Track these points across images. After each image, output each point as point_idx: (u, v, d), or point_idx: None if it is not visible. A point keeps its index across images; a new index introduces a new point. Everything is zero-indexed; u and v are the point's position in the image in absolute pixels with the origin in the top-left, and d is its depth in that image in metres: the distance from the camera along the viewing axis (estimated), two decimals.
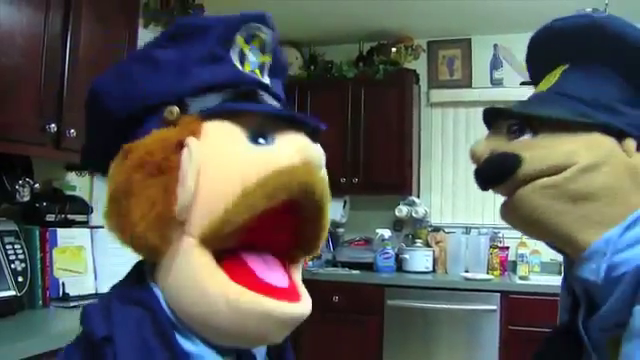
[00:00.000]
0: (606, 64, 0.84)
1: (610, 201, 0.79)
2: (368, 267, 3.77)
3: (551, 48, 0.91)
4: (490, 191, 0.90)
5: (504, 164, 0.83)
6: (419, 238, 3.87)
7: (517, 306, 3.18)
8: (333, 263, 3.92)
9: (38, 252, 2.05)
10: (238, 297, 0.62)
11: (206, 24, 0.69)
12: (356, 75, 3.96)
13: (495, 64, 3.99)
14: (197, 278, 0.63)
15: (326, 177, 0.69)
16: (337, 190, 4.39)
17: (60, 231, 2.14)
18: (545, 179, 0.81)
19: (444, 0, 3.46)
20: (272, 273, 0.66)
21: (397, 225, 4.04)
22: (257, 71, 0.72)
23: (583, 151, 0.80)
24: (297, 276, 0.70)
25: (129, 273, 0.70)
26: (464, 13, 3.67)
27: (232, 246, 0.64)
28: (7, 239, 1.91)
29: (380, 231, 3.80)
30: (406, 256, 3.73)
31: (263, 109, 0.68)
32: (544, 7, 3.49)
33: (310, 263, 3.84)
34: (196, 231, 0.62)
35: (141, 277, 0.68)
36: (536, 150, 0.82)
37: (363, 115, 3.89)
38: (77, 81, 1.97)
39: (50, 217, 2.17)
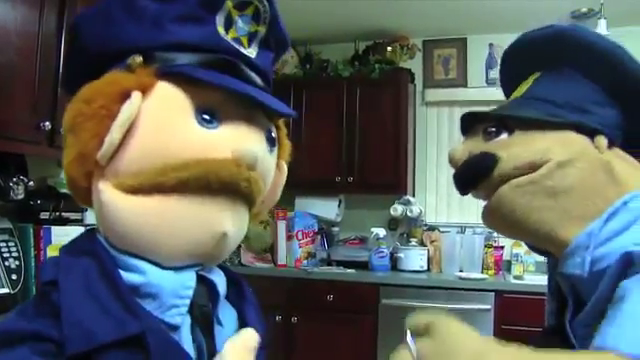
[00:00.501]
0: (574, 69, 0.89)
1: (588, 195, 0.82)
2: (363, 266, 3.77)
3: (523, 59, 0.96)
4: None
5: (481, 163, 0.86)
6: (414, 237, 3.87)
7: (511, 305, 3.19)
8: (328, 262, 3.92)
9: (32, 250, 2.05)
10: (158, 197, 0.64)
11: None
12: (351, 74, 3.96)
13: (490, 63, 4.00)
14: (114, 203, 0.64)
15: (261, 175, 0.69)
16: (332, 189, 4.38)
17: (54, 229, 2.13)
18: (522, 177, 0.83)
19: (440, 0, 3.47)
20: None
21: (392, 224, 4.04)
22: (244, 39, 0.70)
23: (558, 148, 0.83)
24: None
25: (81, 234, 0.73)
26: (460, 13, 3.67)
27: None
28: (1, 237, 1.91)
29: (375, 230, 3.80)
30: (401, 255, 3.74)
31: (218, 82, 0.65)
32: (539, 7, 3.51)
33: (305, 262, 3.85)
34: (111, 178, 0.65)
35: (90, 232, 0.71)
36: (512, 148, 0.85)
37: (358, 114, 3.89)
38: None
39: (44, 215, 2.16)
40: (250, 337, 0.66)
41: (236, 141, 0.66)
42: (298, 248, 3.86)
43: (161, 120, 0.64)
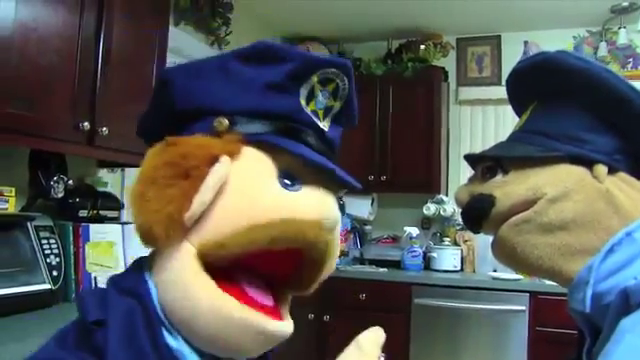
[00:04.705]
0: (566, 97, 0.86)
1: (588, 228, 0.80)
2: (395, 265, 3.77)
3: (520, 88, 0.96)
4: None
5: (479, 206, 0.88)
6: (447, 236, 3.84)
7: (546, 307, 3.14)
8: (360, 260, 3.93)
9: (72, 247, 2.09)
10: (222, 303, 0.64)
11: (287, 55, 0.70)
12: (385, 72, 3.95)
13: None
14: (185, 280, 0.65)
15: (337, 239, 0.71)
16: (365, 188, 4.37)
17: (92, 226, 2.18)
18: (518, 215, 0.83)
19: None
20: (259, 291, 0.69)
21: (425, 223, 4.02)
22: (320, 112, 0.73)
23: (551, 183, 0.82)
24: (283, 305, 0.73)
25: (129, 267, 0.73)
26: (494, 10, 3.63)
27: (228, 266, 0.67)
28: (43, 234, 1.96)
29: (408, 229, 3.79)
30: (434, 254, 3.72)
31: (302, 153, 0.68)
32: (574, 3, 3.43)
33: (338, 260, 3.84)
34: (196, 242, 0.65)
35: (139, 270, 0.70)
36: (506, 188, 0.86)
37: (391, 112, 3.88)
38: (109, 80, 2.00)
39: (83, 213, 2.21)
40: (379, 333, 0.71)
41: (319, 204, 0.69)
42: None
43: (248, 182, 0.67)
